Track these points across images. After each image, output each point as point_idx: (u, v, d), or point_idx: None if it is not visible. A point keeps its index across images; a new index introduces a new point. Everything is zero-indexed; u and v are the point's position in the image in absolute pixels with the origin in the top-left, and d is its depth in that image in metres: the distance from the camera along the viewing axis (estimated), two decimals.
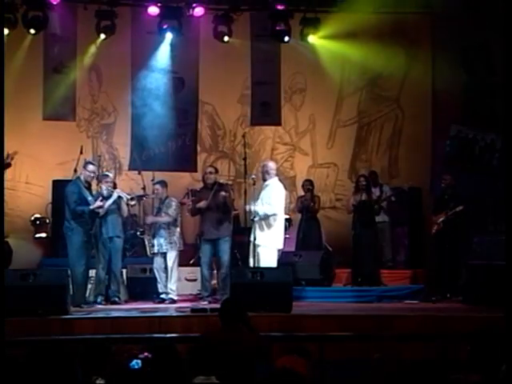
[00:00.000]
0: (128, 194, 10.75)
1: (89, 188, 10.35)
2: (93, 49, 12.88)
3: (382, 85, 13.72)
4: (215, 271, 10.84)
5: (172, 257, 10.63)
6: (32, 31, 12.12)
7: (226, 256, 10.41)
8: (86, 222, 10.13)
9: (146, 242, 10.94)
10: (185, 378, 4.30)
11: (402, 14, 13.33)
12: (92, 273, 10.42)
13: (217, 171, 11.06)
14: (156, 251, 10.66)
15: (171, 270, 10.58)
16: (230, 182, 12.34)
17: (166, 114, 13.31)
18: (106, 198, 10.34)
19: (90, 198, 10.14)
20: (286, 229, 11.36)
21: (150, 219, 10.92)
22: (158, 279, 10.61)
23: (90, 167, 10.39)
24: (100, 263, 10.33)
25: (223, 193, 10.47)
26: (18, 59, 12.52)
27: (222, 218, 10.49)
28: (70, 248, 10.11)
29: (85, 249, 10.05)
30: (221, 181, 11.05)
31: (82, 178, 10.29)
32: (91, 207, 10.05)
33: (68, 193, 10.26)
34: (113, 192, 10.45)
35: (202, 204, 10.56)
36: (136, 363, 3.85)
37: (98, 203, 10.07)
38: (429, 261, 11.94)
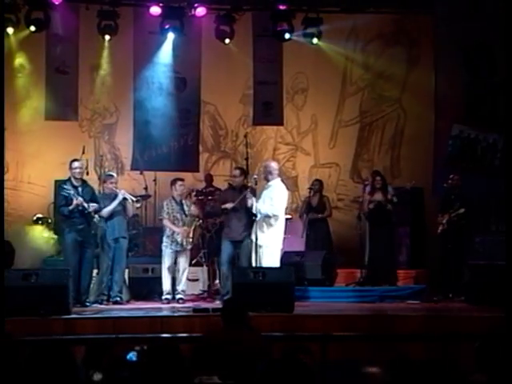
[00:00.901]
0: (133, 196, 10.72)
1: (83, 185, 10.21)
2: (98, 50, 12.92)
3: (383, 85, 13.73)
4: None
5: (185, 257, 10.61)
6: (32, 28, 12.13)
7: (247, 259, 10.30)
8: (77, 222, 10.05)
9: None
10: (187, 377, 4.29)
11: (403, 14, 13.34)
12: (94, 273, 10.43)
13: (243, 173, 10.59)
14: (173, 249, 10.58)
15: (184, 271, 10.55)
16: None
17: (168, 113, 13.31)
18: (111, 199, 10.36)
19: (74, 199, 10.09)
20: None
21: (228, 206, 10.46)
22: (164, 278, 10.56)
23: (75, 164, 10.18)
24: (104, 263, 10.33)
25: (251, 201, 10.25)
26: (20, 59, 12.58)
27: (248, 221, 10.35)
28: (63, 248, 10.25)
29: (77, 249, 9.98)
30: (249, 184, 10.64)
31: (71, 178, 10.22)
32: (70, 207, 9.95)
33: (57, 195, 10.34)
34: (118, 193, 10.44)
35: (228, 205, 10.35)
36: (133, 355, 3.84)
37: (74, 202, 9.98)
38: (431, 261, 11.93)
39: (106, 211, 10.29)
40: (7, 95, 10.18)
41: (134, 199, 10.58)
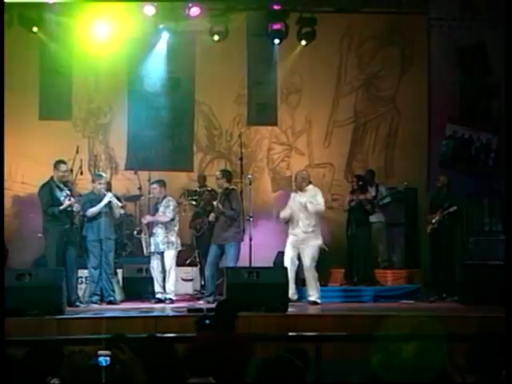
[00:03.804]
0: (119, 201, 10.71)
1: (66, 187, 10.20)
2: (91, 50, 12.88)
3: (378, 85, 13.73)
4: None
5: (170, 257, 10.61)
6: (35, 29, 12.14)
7: (232, 261, 10.38)
8: (61, 223, 10.03)
9: (143, 242, 10.88)
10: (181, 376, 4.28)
11: (398, 14, 13.35)
12: (85, 273, 10.43)
13: (224, 176, 10.90)
14: (152, 250, 10.65)
15: (169, 270, 10.57)
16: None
17: (162, 113, 13.29)
18: (98, 200, 10.36)
19: (62, 198, 10.03)
20: None
21: (147, 219, 10.88)
22: (155, 279, 10.60)
23: (63, 166, 10.21)
24: (90, 263, 10.31)
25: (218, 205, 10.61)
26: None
27: (229, 224, 10.52)
28: (46, 248, 10.18)
29: (61, 249, 9.96)
30: (230, 187, 10.88)
31: (55, 178, 10.18)
32: (61, 208, 9.95)
33: (40, 195, 10.22)
34: (105, 194, 10.44)
35: (211, 218, 10.74)
36: (104, 360, 3.75)
37: (67, 202, 9.96)
38: (424, 261, 11.95)
39: (90, 211, 10.31)
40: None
41: (120, 204, 10.60)
